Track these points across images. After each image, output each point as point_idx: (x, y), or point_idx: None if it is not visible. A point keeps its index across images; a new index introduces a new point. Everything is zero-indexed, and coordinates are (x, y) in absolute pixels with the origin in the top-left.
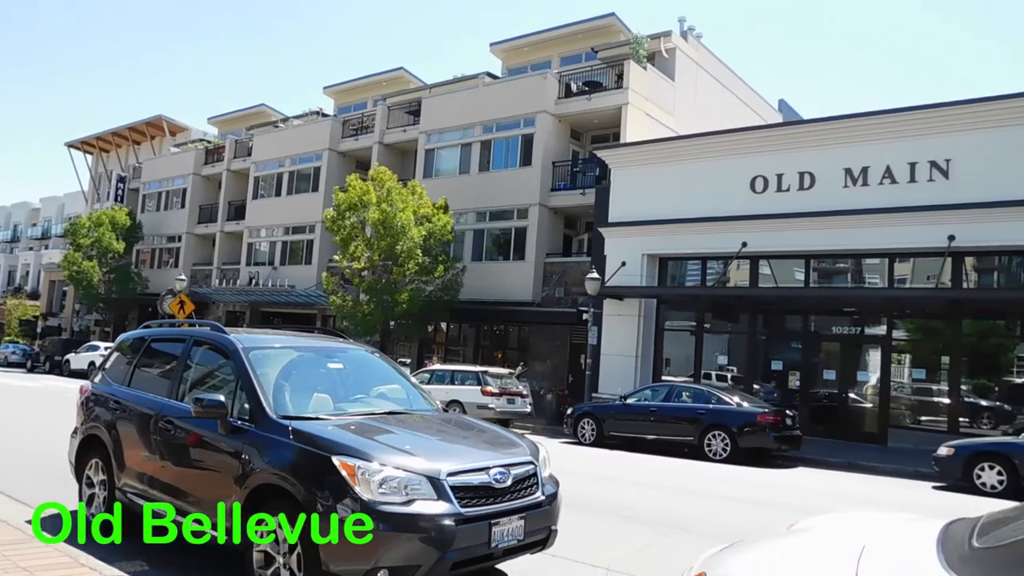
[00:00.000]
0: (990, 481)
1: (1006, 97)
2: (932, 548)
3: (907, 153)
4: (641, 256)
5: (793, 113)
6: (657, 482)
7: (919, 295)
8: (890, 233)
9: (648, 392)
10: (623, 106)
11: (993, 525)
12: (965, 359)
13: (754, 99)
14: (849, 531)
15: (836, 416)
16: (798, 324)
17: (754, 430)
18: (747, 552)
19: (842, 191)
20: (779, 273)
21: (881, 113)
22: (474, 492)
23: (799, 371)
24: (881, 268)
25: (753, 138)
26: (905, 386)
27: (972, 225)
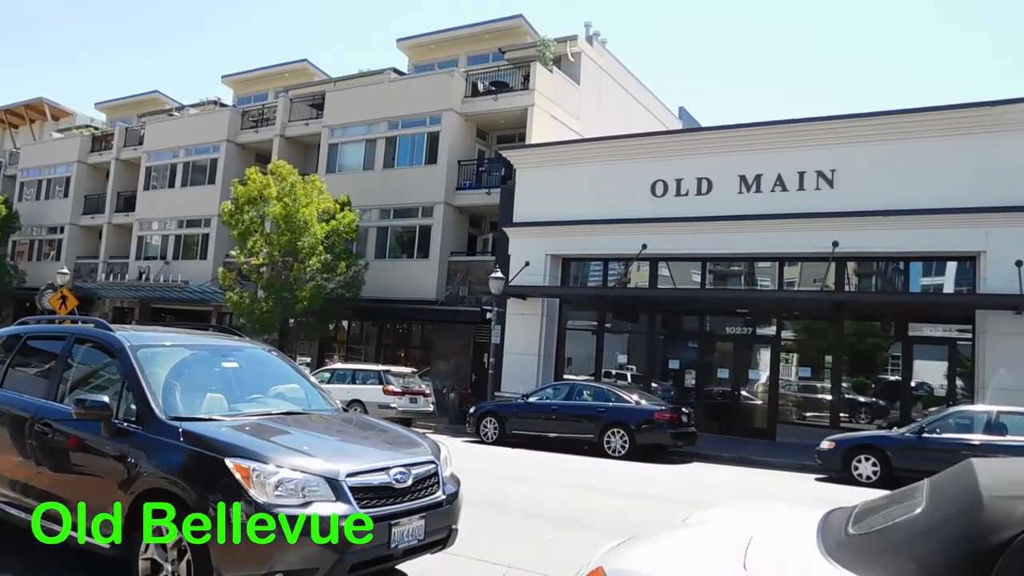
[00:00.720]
0: (866, 472)
1: (886, 113)
2: (813, 536)
3: (797, 163)
4: (545, 256)
5: (692, 120)
6: (558, 479)
7: (806, 297)
8: (780, 238)
9: (550, 391)
10: (529, 107)
11: (866, 513)
12: (846, 358)
13: (656, 105)
14: (738, 523)
15: (729, 413)
16: (694, 324)
17: (652, 427)
18: (643, 546)
19: (737, 197)
20: (677, 275)
21: (773, 124)
22: (374, 493)
23: (695, 370)
24: (772, 271)
25: (654, 143)
26: (792, 384)
27: (854, 232)
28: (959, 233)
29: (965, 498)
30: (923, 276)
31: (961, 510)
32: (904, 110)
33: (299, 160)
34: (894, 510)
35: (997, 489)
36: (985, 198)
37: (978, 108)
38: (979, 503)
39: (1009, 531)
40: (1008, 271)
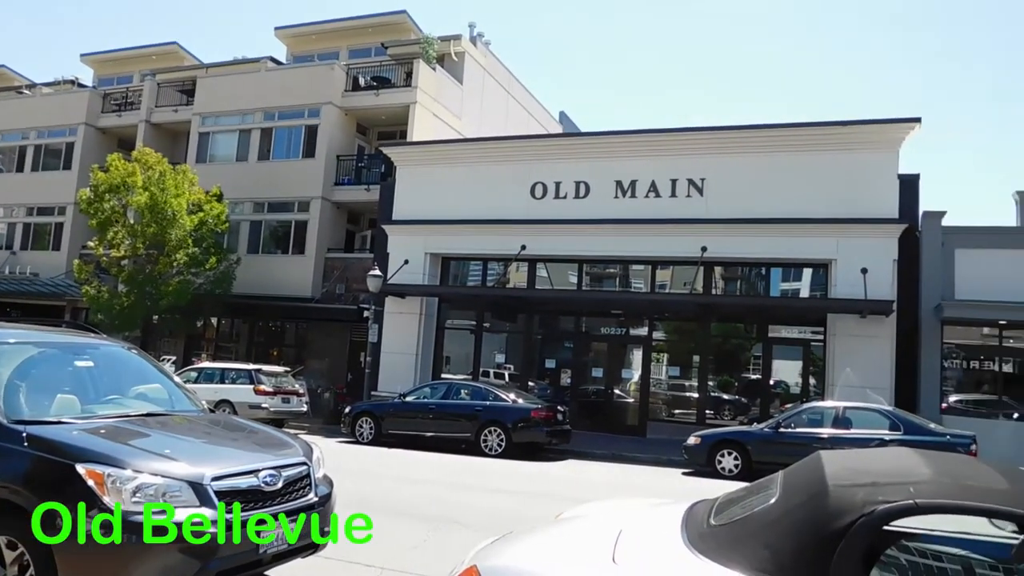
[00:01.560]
0: (728, 465)
1: (751, 127)
2: (677, 528)
3: (670, 170)
4: (424, 255)
5: (573, 125)
6: (434, 478)
7: (676, 300)
8: (654, 242)
9: (427, 390)
10: (411, 105)
11: (726, 505)
12: (712, 358)
13: (537, 109)
14: (608, 517)
15: (603, 411)
16: (571, 324)
17: (528, 425)
18: (516, 543)
19: (613, 201)
20: (555, 276)
21: (648, 132)
22: (242, 496)
23: (571, 369)
24: (645, 274)
25: (535, 146)
26: (663, 382)
27: (721, 238)
28: (814, 242)
29: (813, 488)
30: (782, 281)
31: (809, 499)
32: (768, 125)
33: (167, 148)
34: (751, 501)
35: (841, 479)
36: (837, 210)
37: (833, 127)
38: (825, 492)
39: (850, 516)
40: (855, 278)
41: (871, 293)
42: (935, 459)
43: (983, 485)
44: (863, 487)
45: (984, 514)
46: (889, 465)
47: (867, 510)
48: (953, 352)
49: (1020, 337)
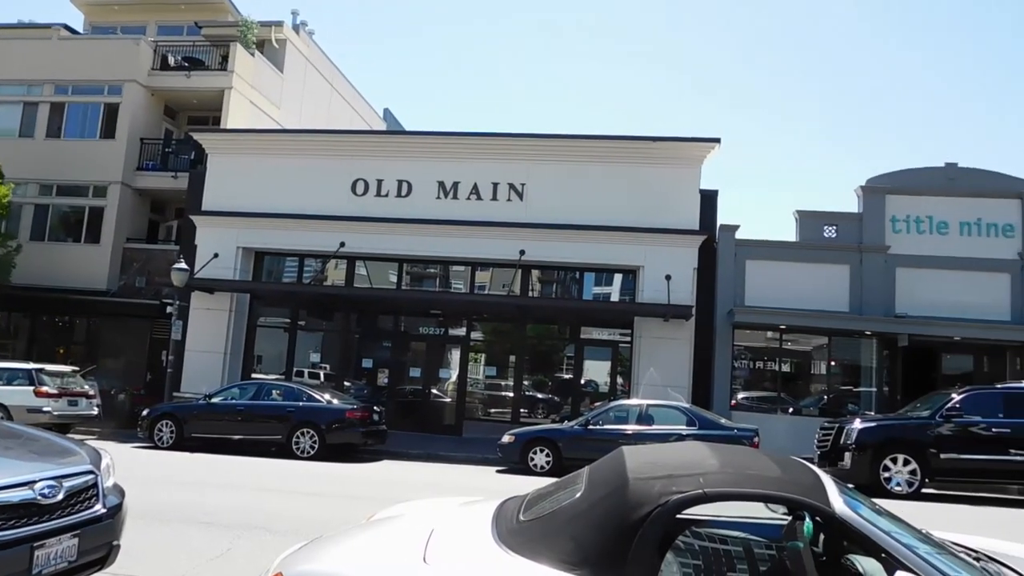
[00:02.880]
0: (540, 462)
1: (569, 137)
2: (488, 525)
3: (492, 174)
4: (236, 249)
5: (397, 123)
6: (240, 483)
7: (495, 301)
8: (474, 243)
9: (236, 390)
10: (226, 90)
11: (536, 500)
12: (527, 358)
13: (361, 104)
14: (420, 517)
15: (420, 411)
16: (389, 324)
17: (343, 426)
18: (324, 547)
19: (435, 202)
20: (374, 274)
21: (472, 135)
22: (14, 511)
23: (388, 369)
24: (465, 275)
25: (357, 142)
26: (480, 382)
27: (539, 242)
28: (624, 249)
29: (615, 481)
30: (595, 285)
31: (612, 492)
32: (585, 136)
33: None
34: (559, 496)
35: (640, 472)
36: (645, 220)
37: (643, 141)
38: (625, 485)
39: (648, 506)
40: (660, 284)
41: (674, 298)
42: (722, 451)
43: (760, 474)
44: (660, 479)
45: (761, 499)
46: (683, 458)
47: (662, 500)
48: (742, 353)
49: (797, 340)
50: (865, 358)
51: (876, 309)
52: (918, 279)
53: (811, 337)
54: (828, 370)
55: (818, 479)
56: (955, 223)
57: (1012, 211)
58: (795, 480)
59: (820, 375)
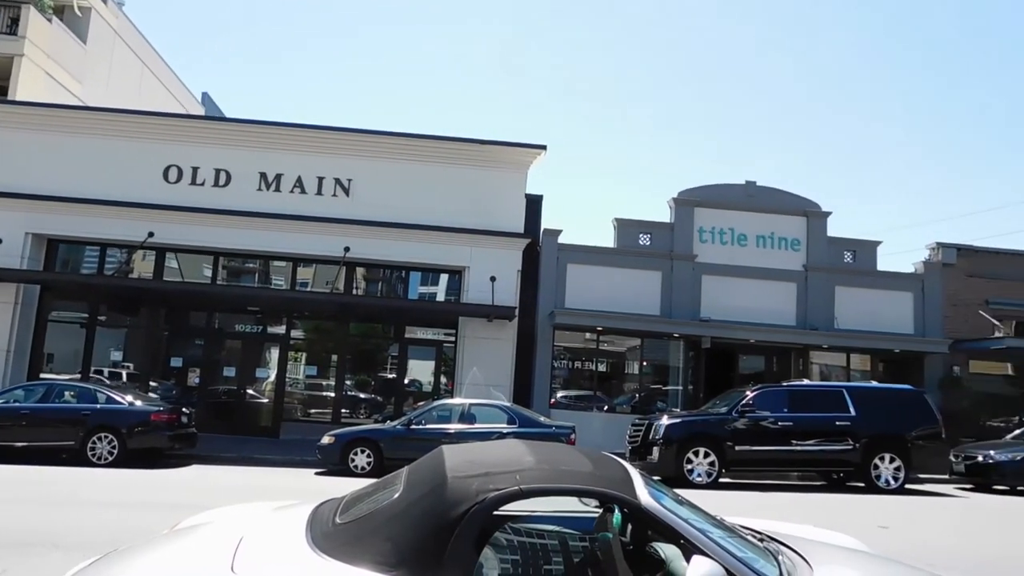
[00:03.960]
0: (361, 463)
1: (399, 134)
2: (302, 530)
3: (317, 167)
4: (24, 235)
5: (217, 109)
6: (25, 496)
7: (318, 298)
8: (297, 239)
9: (20, 392)
10: (16, 57)
11: (353, 502)
12: (350, 357)
13: (176, 86)
14: (229, 524)
15: (234, 412)
16: (202, 321)
17: (147, 430)
18: (120, 561)
19: (256, 194)
20: (187, 268)
21: (297, 127)
22: None
23: (200, 368)
24: (286, 271)
25: (171, 125)
26: (299, 382)
27: (365, 240)
28: (451, 249)
29: (433, 480)
30: (421, 284)
31: (430, 491)
32: (413, 134)
33: None
34: (378, 496)
35: (459, 470)
36: (472, 221)
37: (470, 144)
38: (444, 483)
39: (466, 504)
40: (485, 285)
41: (498, 299)
42: (538, 449)
43: (573, 469)
44: (478, 477)
45: (574, 494)
46: (500, 456)
47: (480, 498)
48: (562, 354)
49: (613, 341)
50: (673, 358)
51: (684, 313)
52: (720, 286)
53: (625, 339)
54: (640, 370)
55: (626, 473)
56: (753, 236)
57: (799, 227)
58: (605, 475)
59: (633, 375)
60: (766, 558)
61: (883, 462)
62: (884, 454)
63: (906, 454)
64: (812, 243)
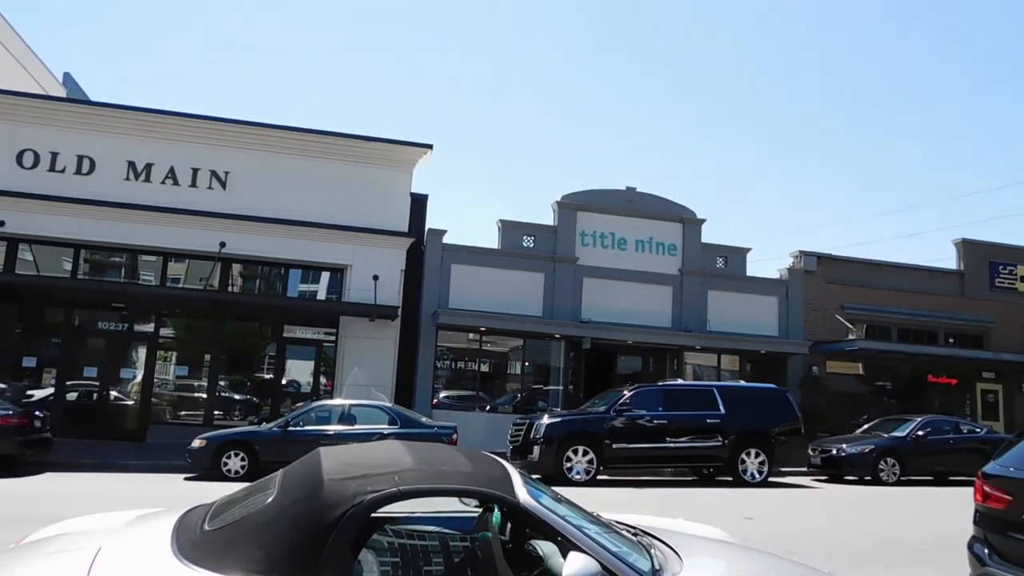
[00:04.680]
0: (235, 467)
1: (279, 127)
2: (167, 539)
3: (192, 158)
4: None
5: (81, 91)
6: None
7: (190, 295)
8: (168, 232)
9: None
10: None
11: (224, 508)
12: (224, 357)
13: (34, 64)
14: (84, 537)
15: (96, 415)
16: (60, 317)
17: None
18: None
19: (124, 183)
20: (44, 260)
21: (168, 114)
22: None
23: (57, 368)
24: (156, 266)
25: (27, 105)
26: (169, 383)
27: (242, 235)
28: (333, 247)
29: (309, 483)
30: (301, 283)
31: (305, 494)
32: (295, 128)
33: None
34: (250, 501)
35: (336, 473)
36: (356, 219)
37: (355, 140)
38: (320, 486)
39: (343, 507)
40: (368, 284)
41: (380, 299)
42: (417, 450)
43: (453, 470)
44: (355, 479)
45: (453, 494)
46: (380, 457)
47: (357, 500)
48: (445, 354)
49: (496, 342)
50: (554, 359)
51: (565, 314)
52: (601, 288)
53: (508, 339)
54: (522, 370)
55: (506, 472)
56: (632, 241)
57: (675, 233)
58: (485, 474)
59: (515, 374)
60: (640, 552)
61: (749, 457)
62: (750, 449)
63: (770, 449)
64: (687, 248)
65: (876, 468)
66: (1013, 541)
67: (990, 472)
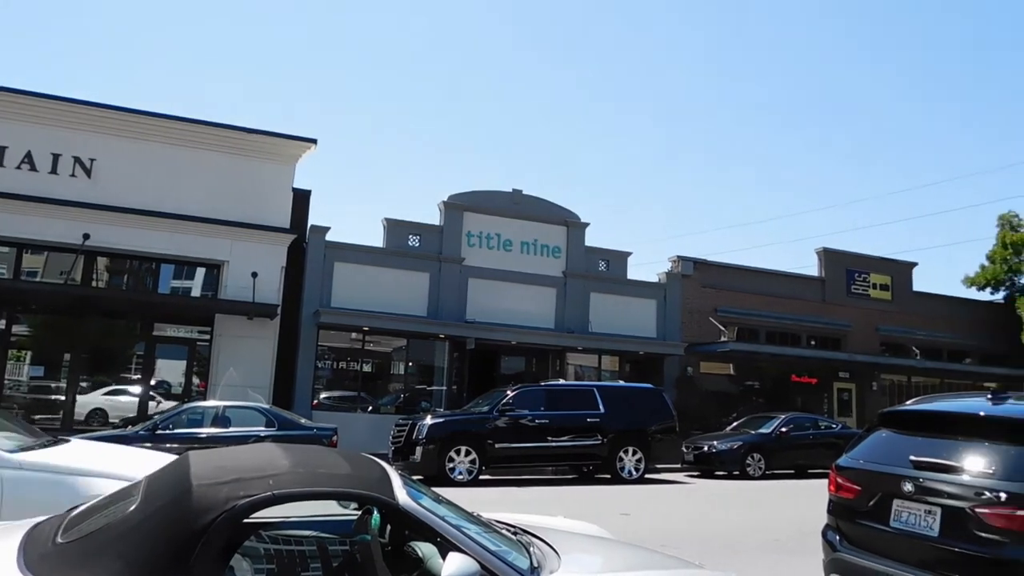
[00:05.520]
0: None
1: (151, 114)
2: (13, 553)
3: (52, 143)
4: None
5: None
6: None
7: (49, 290)
8: (24, 222)
9: None
10: None
11: (81, 518)
12: (87, 356)
13: None
14: None
15: None
16: None
17: None
18: None
19: None
20: None
21: (25, 93)
22: None
23: None
24: (10, 258)
25: None
26: (23, 384)
27: (109, 227)
28: (209, 242)
29: (176, 488)
30: (174, 278)
31: (172, 501)
32: (170, 116)
33: None
34: (111, 510)
35: (206, 478)
36: (234, 213)
37: (235, 132)
38: (188, 492)
39: (213, 513)
40: (246, 281)
41: (260, 296)
42: (295, 452)
43: (331, 472)
44: (227, 484)
45: (331, 497)
46: (254, 461)
47: (229, 506)
48: (326, 354)
49: (379, 342)
50: (439, 359)
51: (450, 315)
52: (486, 289)
53: (392, 339)
54: (406, 370)
55: (385, 473)
56: (518, 242)
57: (560, 236)
58: (364, 476)
59: (399, 375)
60: (519, 550)
61: (627, 455)
62: (628, 447)
63: (646, 447)
64: (571, 251)
65: (744, 463)
66: (861, 528)
67: (842, 464)
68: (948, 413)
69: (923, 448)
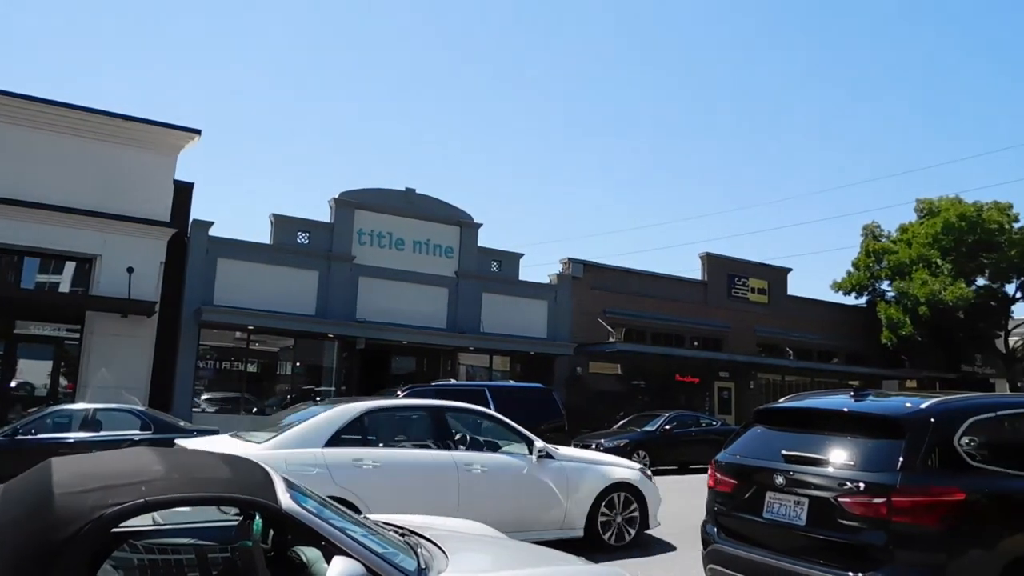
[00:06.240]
0: None
1: (15, 95)
2: None
3: None
4: None
5: None
6: None
7: None
8: None
9: None
10: None
11: None
12: None
13: None
14: None
15: None
16: None
17: None
18: None
19: None
20: None
21: None
22: None
23: None
24: None
25: None
26: None
27: None
28: (80, 235)
29: (37, 498)
30: (39, 273)
31: (31, 511)
32: (37, 98)
33: None
34: None
35: (70, 486)
36: (108, 205)
37: (108, 117)
38: (49, 501)
39: (78, 523)
40: (121, 276)
41: (136, 293)
42: (170, 456)
43: (209, 476)
44: (94, 491)
45: (210, 502)
46: (125, 466)
47: (95, 515)
48: (208, 353)
49: (265, 341)
50: (327, 359)
51: (340, 314)
52: (377, 288)
53: (279, 338)
54: (293, 370)
55: (267, 477)
56: (410, 241)
57: (453, 236)
58: (244, 480)
59: (286, 375)
60: (406, 552)
61: None
62: None
63: None
64: (464, 251)
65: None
66: (737, 519)
67: (720, 460)
68: (816, 409)
69: (793, 443)
